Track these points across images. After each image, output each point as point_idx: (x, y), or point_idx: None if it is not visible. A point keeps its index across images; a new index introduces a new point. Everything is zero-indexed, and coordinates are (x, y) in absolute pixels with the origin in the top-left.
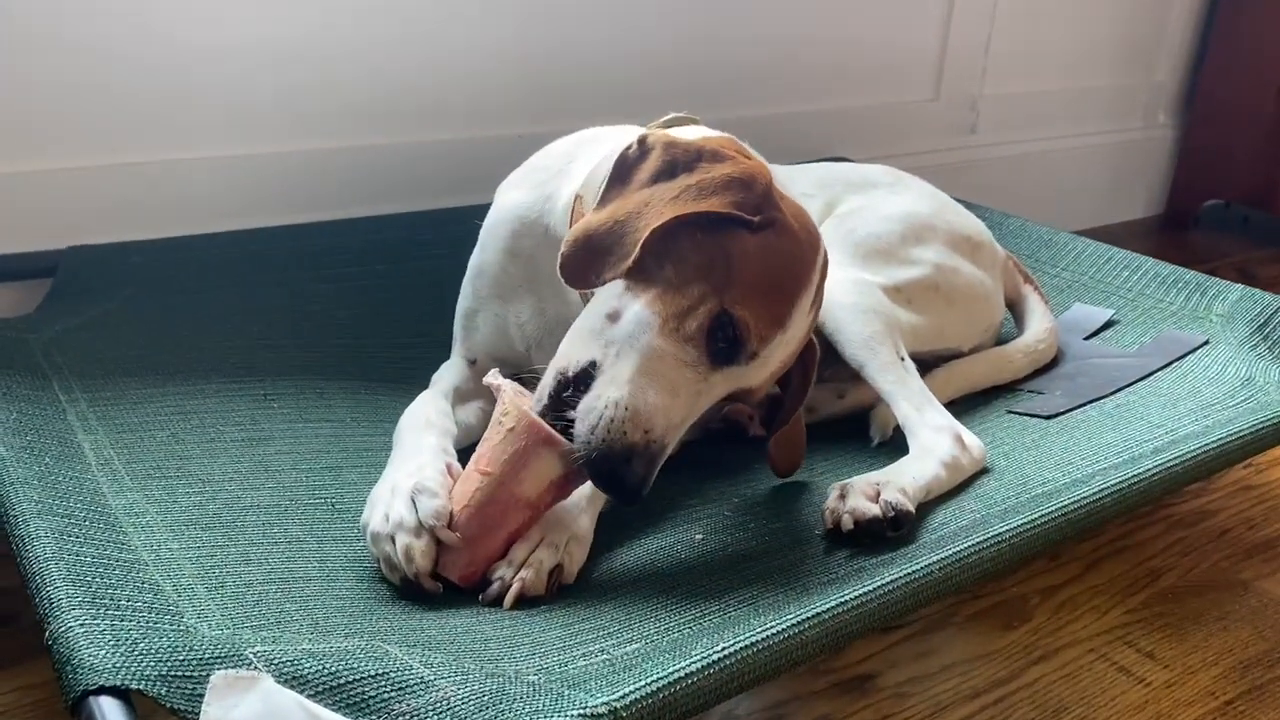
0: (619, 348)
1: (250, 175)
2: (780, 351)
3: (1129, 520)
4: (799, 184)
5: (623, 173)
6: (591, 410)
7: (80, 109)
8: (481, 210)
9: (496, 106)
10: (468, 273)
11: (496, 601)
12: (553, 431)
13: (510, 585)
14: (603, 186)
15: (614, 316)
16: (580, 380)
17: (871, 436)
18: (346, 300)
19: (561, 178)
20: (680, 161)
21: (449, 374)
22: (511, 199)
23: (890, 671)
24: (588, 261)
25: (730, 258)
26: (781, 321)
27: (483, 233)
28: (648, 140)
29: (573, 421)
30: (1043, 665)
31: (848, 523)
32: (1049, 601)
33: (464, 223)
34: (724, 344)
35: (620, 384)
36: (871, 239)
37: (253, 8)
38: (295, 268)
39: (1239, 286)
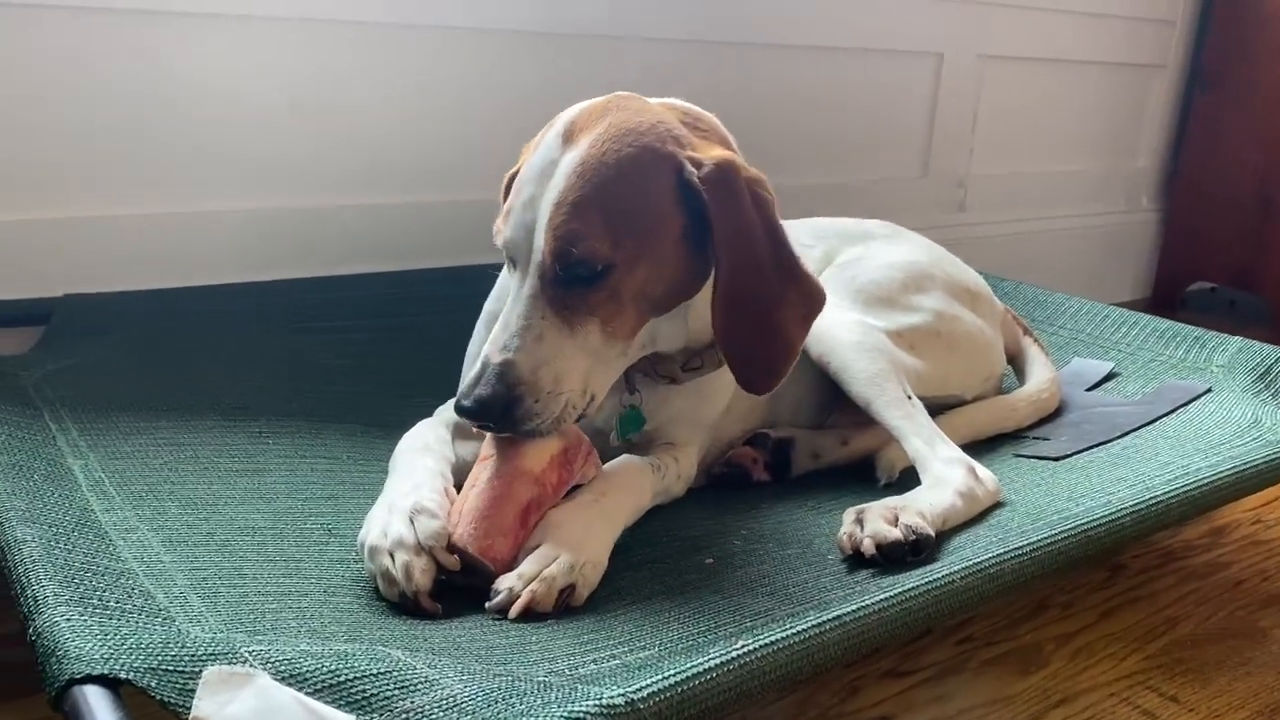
0: None
1: (248, 230)
2: (539, 187)
3: (1140, 572)
4: (797, 235)
5: None
6: None
7: (83, 160)
8: (473, 269)
9: (491, 169)
10: (481, 317)
11: (502, 611)
12: None
13: (519, 596)
14: None
15: None
16: None
17: (878, 478)
18: (343, 352)
19: None
20: None
21: (452, 410)
22: None
23: (906, 714)
24: None
25: None
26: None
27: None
28: None
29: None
30: (1063, 709)
31: (869, 547)
32: (1064, 648)
33: (461, 282)
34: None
35: None
36: (872, 286)
37: (254, 63)
38: (291, 321)
39: (1238, 339)
